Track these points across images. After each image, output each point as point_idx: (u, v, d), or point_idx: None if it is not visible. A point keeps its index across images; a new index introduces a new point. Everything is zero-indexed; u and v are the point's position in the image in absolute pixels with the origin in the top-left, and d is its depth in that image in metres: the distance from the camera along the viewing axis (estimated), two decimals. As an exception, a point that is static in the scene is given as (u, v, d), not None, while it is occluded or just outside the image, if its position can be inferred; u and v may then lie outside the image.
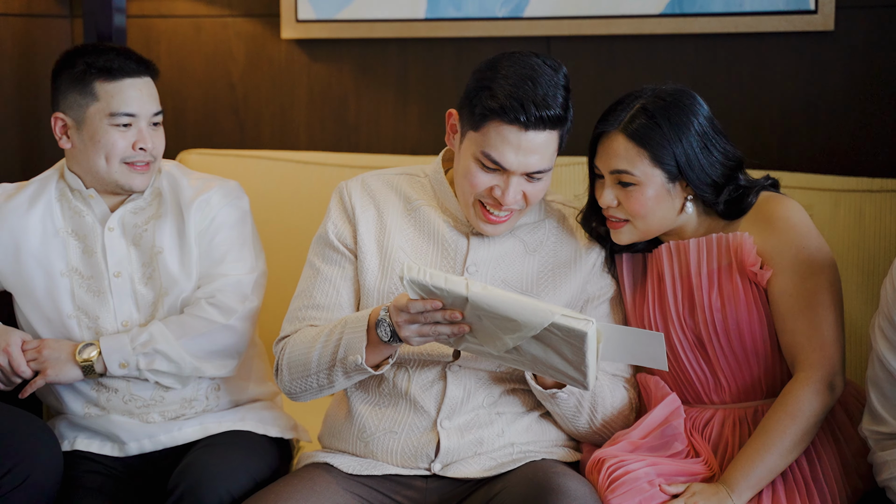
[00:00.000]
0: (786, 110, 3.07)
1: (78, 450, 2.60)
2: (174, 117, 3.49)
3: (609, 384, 2.40)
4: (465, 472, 2.36)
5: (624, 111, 2.37)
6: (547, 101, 2.25)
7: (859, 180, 2.81)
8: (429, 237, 2.43)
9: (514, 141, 2.26)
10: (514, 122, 2.25)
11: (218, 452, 2.47)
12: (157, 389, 2.61)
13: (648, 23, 3.11)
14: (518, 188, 2.31)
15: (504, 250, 2.42)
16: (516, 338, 2.13)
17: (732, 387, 2.41)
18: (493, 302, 2.11)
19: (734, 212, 2.39)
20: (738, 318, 2.36)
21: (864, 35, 2.99)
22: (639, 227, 2.39)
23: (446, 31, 3.24)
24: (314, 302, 2.42)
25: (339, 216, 2.45)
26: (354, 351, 2.26)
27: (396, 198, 2.46)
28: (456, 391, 2.38)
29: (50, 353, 2.55)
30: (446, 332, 2.18)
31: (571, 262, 2.45)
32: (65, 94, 2.59)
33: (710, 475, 2.34)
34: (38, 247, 2.62)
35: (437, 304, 2.15)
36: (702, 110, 2.37)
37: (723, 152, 2.37)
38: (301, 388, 2.37)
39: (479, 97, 2.28)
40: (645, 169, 2.34)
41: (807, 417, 2.28)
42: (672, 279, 2.42)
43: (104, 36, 3.29)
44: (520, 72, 2.27)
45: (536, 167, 2.30)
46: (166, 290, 2.61)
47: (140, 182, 2.61)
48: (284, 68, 3.43)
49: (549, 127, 2.27)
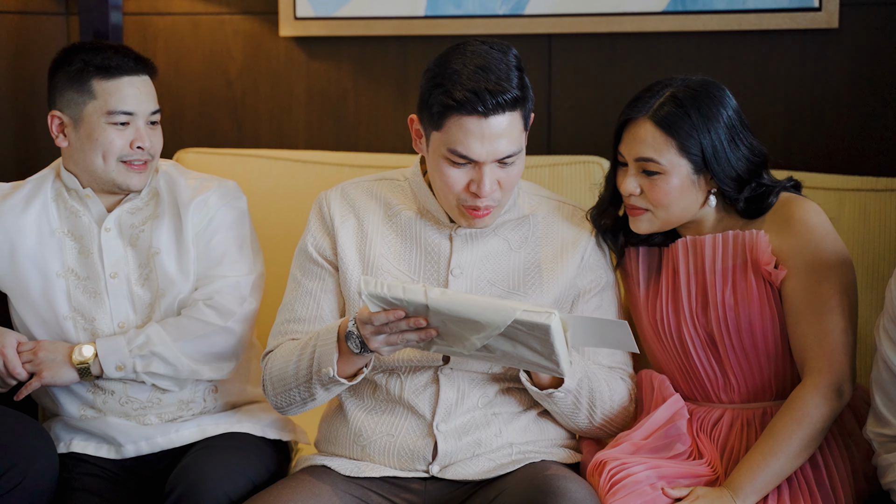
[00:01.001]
0: (790, 109, 3.06)
1: (74, 452, 2.60)
2: (171, 116, 3.49)
3: (606, 377, 2.39)
4: (463, 473, 2.36)
5: (653, 98, 2.36)
6: (501, 84, 2.25)
7: (864, 179, 2.81)
8: (411, 242, 2.43)
9: (477, 131, 2.26)
10: (472, 112, 2.24)
11: (215, 455, 2.47)
12: (154, 391, 2.60)
13: (650, 20, 3.11)
14: (492, 177, 2.31)
15: (488, 250, 2.42)
16: (482, 337, 2.14)
17: (742, 386, 2.41)
18: (453, 306, 2.11)
19: (754, 210, 2.38)
20: (750, 316, 2.35)
21: (868, 32, 2.99)
22: (659, 217, 2.38)
23: (446, 28, 3.24)
24: (295, 315, 2.43)
25: (319, 228, 2.46)
26: (326, 364, 2.27)
27: (376, 205, 2.46)
28: (450, 393, 2.38)
29: (46, 355, 2.55)
30: (414, 339, 2.18)
31: (558, 256, 2.44)
32: (62, 92, 2.59)
33: (713, 477, 2.34)
34: (33, 247, 2.61)
35: (399, 314, 2.15)
36: (731, 102, 2.37)
37: (749, 147, 2.37)
38: (286, 402, 2.38)
39: (433, 96, 2.28)
40: (671, 158, 2.33)
41: (814, 423, 2.27)
42: (686, 275, 2.41)
43: (101, 33, 3.28)
44: (469, 62, 2.26)
45: (506, 151, 2.29)
46: (163, 292, 2.60)
47: (137, 181, 2.61)
48: (283, 66, 3.43)
49: (509, 109, 2.27)
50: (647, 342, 2.51)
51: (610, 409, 2.39)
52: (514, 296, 2.39)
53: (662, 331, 2.44)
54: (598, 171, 2.96)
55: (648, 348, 2.52)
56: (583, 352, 2.41)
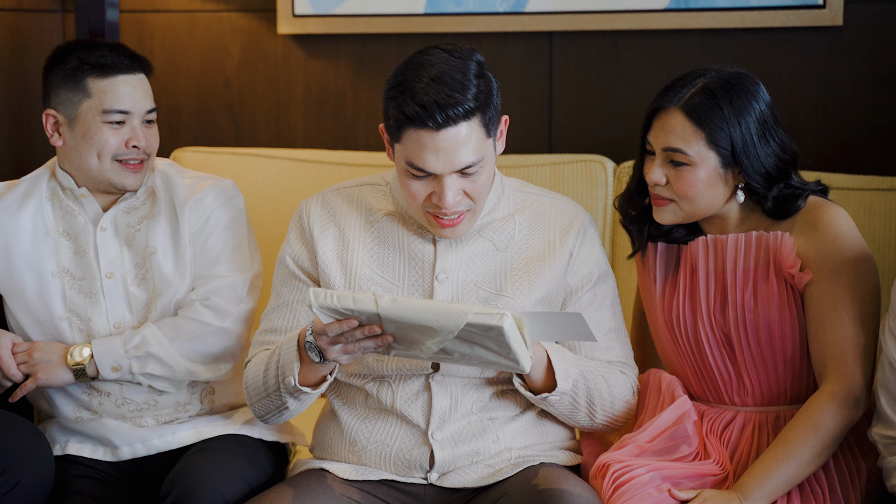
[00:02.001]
0: (794, 108, 3.06)
1: (69, 454, 2.59)
2: (168, 114, 3.48)
3: (605, 373, 2.38)
4: (462, 481, 2.35)
5: (685, 88, 2.36)
6: (454, 96, 2.21)
7: (869, 178, 2.81)
8: (394, 248, 2.41)
9: (431, 144, 2.23)
10: (424, 126, 2.22)
11: (212, 457, 2.47)
12: (151, 393, 2.60)
13: (652, 18, 3.10)
14: (456, 188, 2.27)
15: (473, 252, 2.40)
16: (437, 342, 2.13)
17: (756, 389, 2.40)
18: (404, 313, 2.10)
19: (782, 212, 2.37)
20: (769, 319, 2.34)
21: (873, 30, 2.98)
22: (684, 209, 2.38)
23: (446, 26, 3.23)
24: (273, 325, 2.43)
25: (297, 240, 2.46)
26: (288, 373, 2.26)
27: (357, 212, 2.45)
28: (443, 400, 2.37)
29: (41, 356, 2.54)
30: (371, 346, 2.17)
31: (545, 254, 2.41)
32: (56, 90, 2.59)
33: (722, 476, 2.33)
34: (28, 247, 2.61)
35: (353, 324, 2.13)
36: (764, 97, 2.36)
37: (780, 144, 2.36)
38: (264, 411, 2.38)
39: (390, 109, 2.26)
40: (699, 149, 2.33)
41: (829, 431, 2.26)
42: (706, 274, 2.40)
43: (96, 31, 3.28)
44: (424, 74, 2.23)
45: (465, 162, 2.25)
46: (160, 292, 2.60)
47: (133, 181, 2.61)
48: (281, 64, 3.43)
49: (463, 119, 2.23)
50: (661, 340, 2.50)
51: (611, 406, 2.38)
52: (502, 297, 2.37)
53: (678, 329, 2.43)
54: (600, 170, 2.95)
55: (661, 347, 2.51)
56: (579, 348, 2.40)
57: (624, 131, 3.15)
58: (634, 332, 2.61)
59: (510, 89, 3.24)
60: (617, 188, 2.94)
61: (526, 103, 3.24)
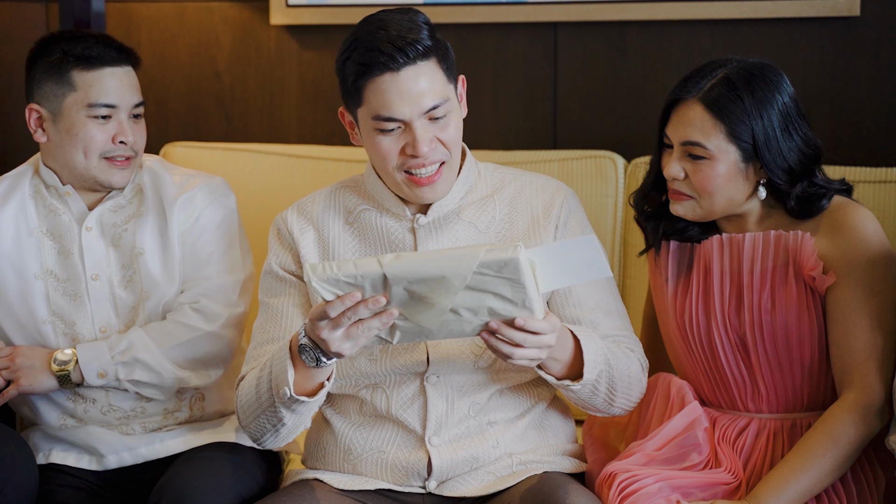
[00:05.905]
0: (808, 99, 3.04)
1: (54, 463, 2.60)
2: (156, 109, 3.48)
3: (625, 359, 2.35)
4: (462, 490, 2.34)
5: (705, 79, 2.35)
6: (408, 38, 2.27)
7: (886, 171, 2.81)
8: (374, 242, 2.42)
9: (393, 88, 2.27)
10: (383, 70, 2.26)
11: (202, 466, 2.47)
12: (138, 400, 2.60)
13: (661, 7, 3.10)
14: (427, 134, 2.30)
15: (454, 236, 2.40)
16: (450, 294, 2.09)
17: (771, 395, 2.39)
18: (413, 266, 2.07)
19: (804, 211, 2.36)
20: (787, 322, 2.34)
21: (890, 21, 2.99)
22: (703, 205, 2.37)
23: (447, 16, 3.23)
24: (268, 336, 2.42)
25: (279, 246, 2.46)
26: (282, 382, 2.23)
27: (335, 213, 2.46)
28: (439, 404, 2.36)
29: (23, 361, 2.54)
30: (376, 326, 2.13)
31: (530, 231, 2.41)
32: (40, 84, 2.59)
33: (734, 485, 2.32)
34: (10, 247, 2.61)
35: (356, 296, 2.10)
36: (788, 89, 2.36)
37: (803, 138, 2.35)
38: (259, 432, 2.35)
39: (345, 72, 2.31)
40: (719, 143, 2.32)
41: (850, 443, 2.26)
42: (721, 274, 2.40)
43: (82, 22, 3.28)
44: (369, 29, 2.30)
45: (431, 102, 2.29)
46: (147, 295, 2.60)
47: (120, 178, 2.60)
48: (274, 56, 3.42)
49: (421, 58, 2.28)
50: (672, 343, 2.49)
51: (628, 389, 2.36)
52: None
53: (690, 332, 2.42)
54: (610, 166, 2.95)
55: (673, 350, 2.51)
56: (580, 319, 2.37)
57: (631, 126, 3.15)
58: (644, 337, 2.61)
59: (513, 83, 3.24)
60: (628, 185, 2.93)
61: (530, 97, 3.24)
